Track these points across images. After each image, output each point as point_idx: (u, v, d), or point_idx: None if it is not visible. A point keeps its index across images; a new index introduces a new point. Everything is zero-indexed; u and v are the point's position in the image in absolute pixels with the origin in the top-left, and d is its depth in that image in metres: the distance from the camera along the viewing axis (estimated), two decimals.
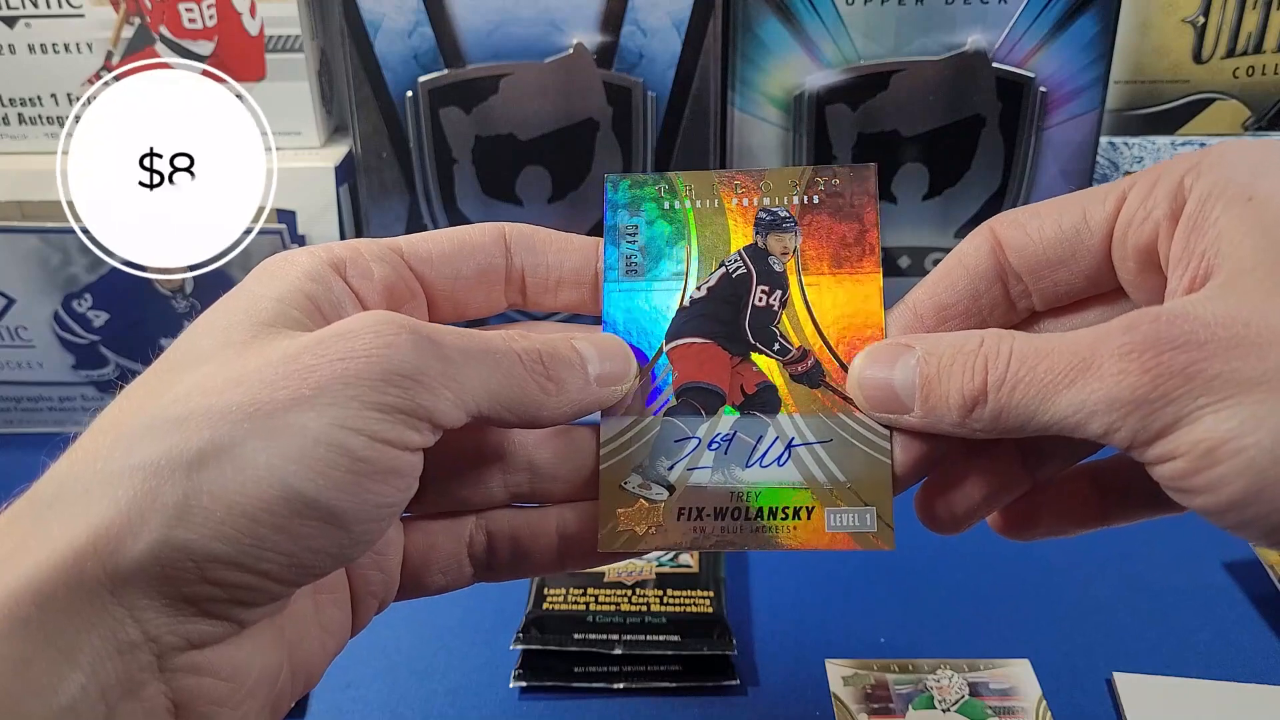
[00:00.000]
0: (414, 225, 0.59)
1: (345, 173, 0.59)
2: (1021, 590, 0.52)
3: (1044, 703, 0.45)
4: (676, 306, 0.32)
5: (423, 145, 0.57)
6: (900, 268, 0.61)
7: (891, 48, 0.56)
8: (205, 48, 0.56)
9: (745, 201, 0.33)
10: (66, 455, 0.25)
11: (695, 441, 0.31)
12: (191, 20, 0.56)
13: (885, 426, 0.30)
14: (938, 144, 0.58)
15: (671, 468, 0.31)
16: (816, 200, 0.33)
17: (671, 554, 0.52)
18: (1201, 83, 0.59)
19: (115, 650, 0.23)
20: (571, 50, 0.55)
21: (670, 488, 0.31)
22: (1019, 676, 0.46)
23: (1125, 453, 0.25)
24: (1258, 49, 0.58)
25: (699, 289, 0.32)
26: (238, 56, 0.57)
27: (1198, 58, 0.58)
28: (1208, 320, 0.24)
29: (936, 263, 0.63)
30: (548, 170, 0.58)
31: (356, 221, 0.60)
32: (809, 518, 0.31)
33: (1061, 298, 0.31)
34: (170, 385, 0.25)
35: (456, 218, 0.59)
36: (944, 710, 0.45)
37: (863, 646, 0.49)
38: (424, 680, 0.47)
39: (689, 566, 0.51)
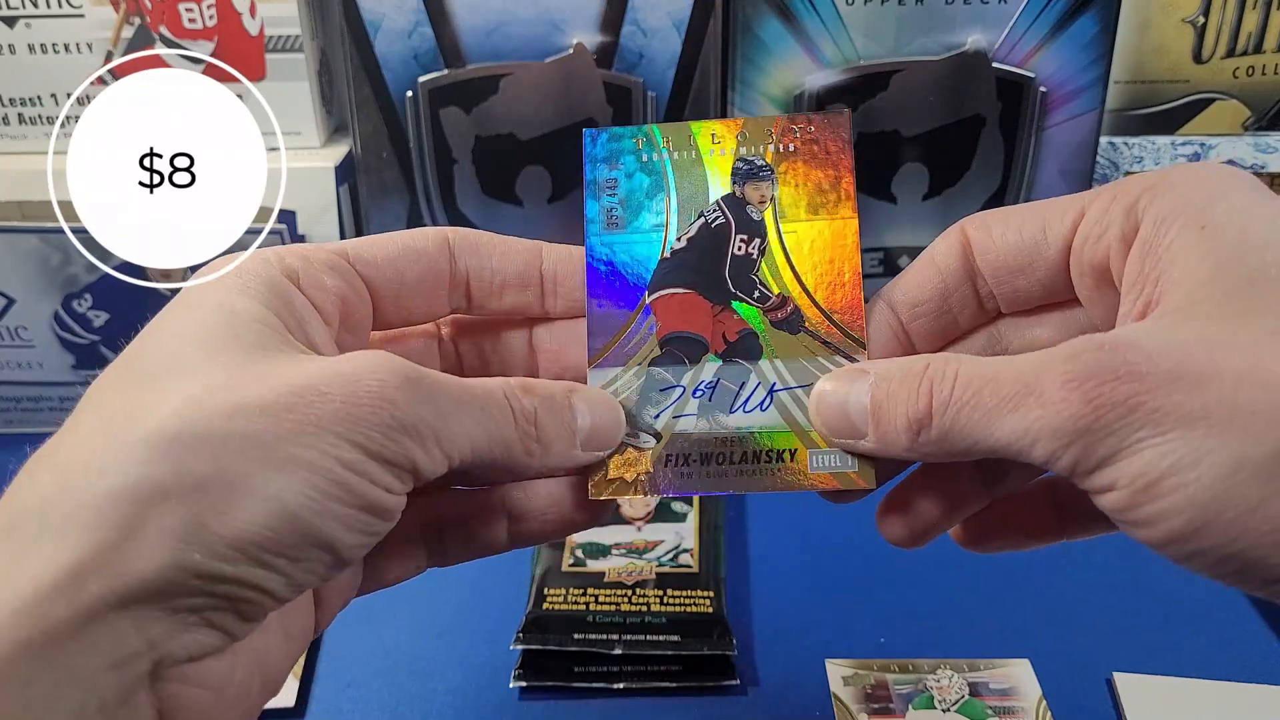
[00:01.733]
0: (414, 225, 0.59)
1: (345, 173, 0.59)
2: (1021, 590, 0.52)
3: (1044, 703, 0.45)
4: (658, 257, 0.33)
5: (423, 145, 0.57)
6: (900, 268, 0.61)
7: (891, 48, 0.56)
8: (205, 48, 0.56)
9: (723, 151, 0.33)
10: (46, 463, 0.25)
11: (680, 389, 0.32)
12: (191, 20, 0.56)
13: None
14: (938, 144, 0.58)
15: (658, 416, 0.32)
16: (793, 148, 0.33)
17: (671, 552, 0.52)
18: (1201, 83, 0.59)
19: (112, 664, 0.23)
20: (571, 50, 0.55)
21: (657, 435, 0.32)
22: (1019, 676, 0.46)
23: (1069, 479, 0.26)
24: (1258, 49, 0.58)
25: (679, 239, 0.33)
26: (238, 56, 0.56)
27: (1198, 58, 0.58)
28: (1150, 351, 0.24)
29: None
30: (548, 170, 0.58)
31: (356, 221, 0.60)
32: (793, 460, 0.31)
33: (1022, 303, 0.31)
34: (156, 397, 0.25)
35: (456, 218, 0.59)
36: (944, 710, 0.45)
37: (863, 646, 0.49)
38: (424, 680, 0.47)
39: (689, 566, 0.51)
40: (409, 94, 0.56)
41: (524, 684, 0.46)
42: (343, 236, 0.58)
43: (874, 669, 0.47)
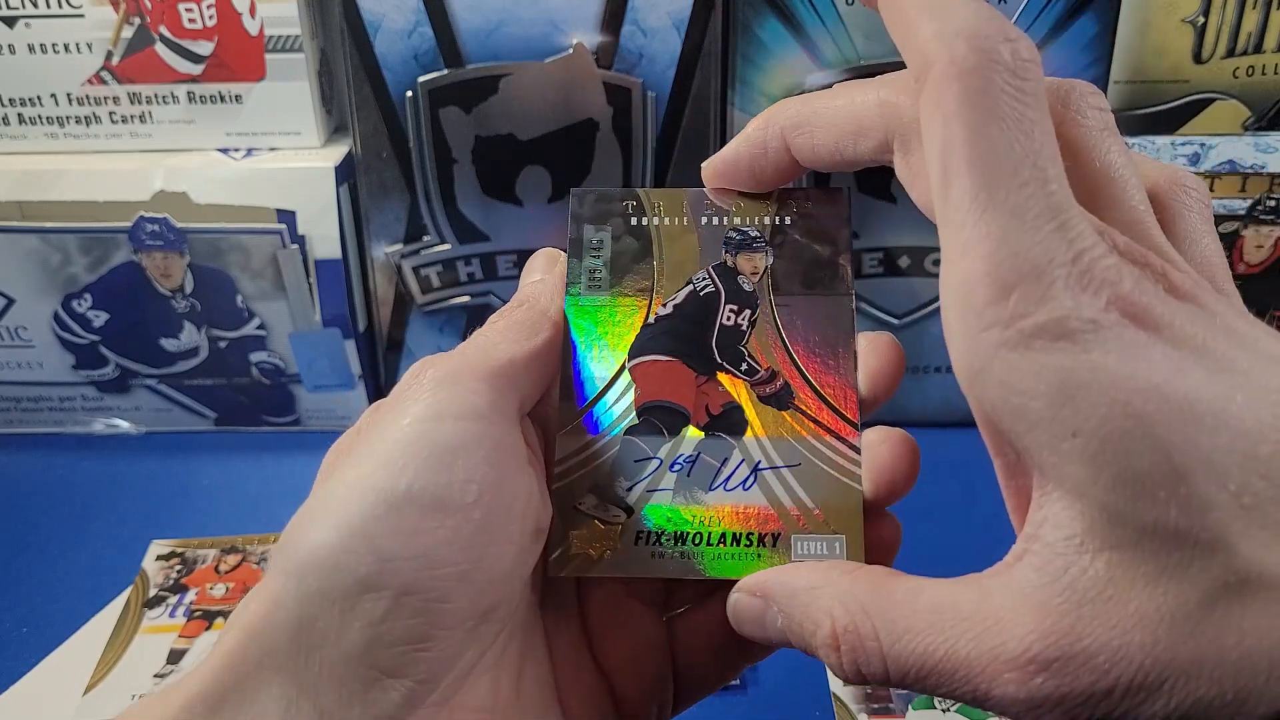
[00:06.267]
0: (414, 225, 0.59)
1: (345, 173, 0.59)
2: None
3: None
4: (641, 323, 0.31)
5: (423, 145, 0.57)
6: (900, 268, 0.61)
7: (891, 48, 0.56)
8: (205, 48, 0.56)
9: (715, 220, 0.32)
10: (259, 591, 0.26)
11: (656, 462, 0.30)
12: (191, 20, 0.56)
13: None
14: None
15: (630, 489, 0.30)
16: (789, 221, 0.32)
17: None
18: (1201, 83, 0.59)
19: None
20: (571, 50, 0.55)
21: (628, 510, 0.30)
22: None
23: None
24: (1258, 49, 0.58)
25: (665, 306, 0.31)
26: (238, 56, 0.57)
27: (1198, 58, 0.58)
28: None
29: (937, 263, 0.63)
30: (548, 170, 0.58)
31: (356, 221, 0.60)
32: (774, 545, 0.29)
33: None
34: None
35: (456, 218, 0.59)
36: (944, 710, 0.45)
37: None
38: None
39: None
40: (409, 94, 0.56)
41: None
42: (342, 237, 0.58)
43: None
